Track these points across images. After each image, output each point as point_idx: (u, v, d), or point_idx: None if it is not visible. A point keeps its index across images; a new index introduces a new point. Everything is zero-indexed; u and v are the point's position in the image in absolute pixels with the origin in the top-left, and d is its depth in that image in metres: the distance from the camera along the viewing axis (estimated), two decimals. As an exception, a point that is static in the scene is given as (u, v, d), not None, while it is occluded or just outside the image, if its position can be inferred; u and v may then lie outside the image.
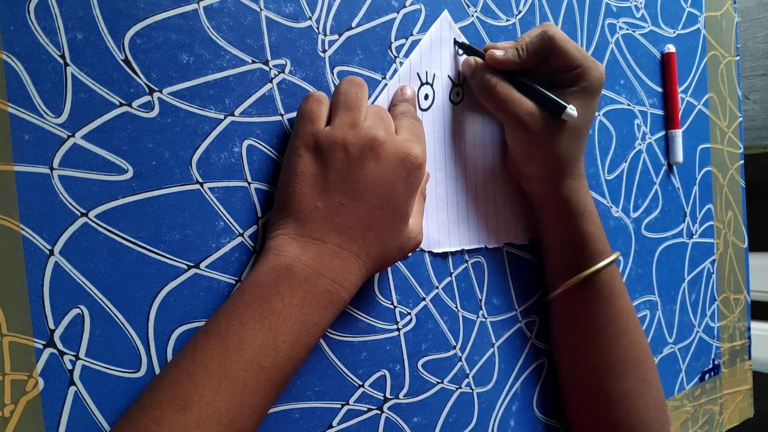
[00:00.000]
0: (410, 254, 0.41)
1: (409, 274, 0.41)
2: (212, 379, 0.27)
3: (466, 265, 0.44)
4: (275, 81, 0.35)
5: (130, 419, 0.27)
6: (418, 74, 0.41)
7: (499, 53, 0.40)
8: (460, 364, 0.44)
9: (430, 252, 0.42)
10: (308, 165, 0.33)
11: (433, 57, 0.42)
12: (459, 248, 0.43)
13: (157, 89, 0.31)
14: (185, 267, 0.32)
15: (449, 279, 0.43)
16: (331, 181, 0.32)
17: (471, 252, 0.44)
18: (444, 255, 0.43)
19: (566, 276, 0.44)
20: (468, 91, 0.44)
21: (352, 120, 0.33)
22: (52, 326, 0.28)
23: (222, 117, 0.33)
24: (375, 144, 0.33)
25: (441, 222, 0.42)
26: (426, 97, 0.42)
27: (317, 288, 0.31)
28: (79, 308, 0.29)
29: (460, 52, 0.43)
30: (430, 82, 0.42)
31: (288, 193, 0.33)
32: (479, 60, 0.41)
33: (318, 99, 0.35)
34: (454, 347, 0.43)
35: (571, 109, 0.39)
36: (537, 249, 0.49)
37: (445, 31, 0.42)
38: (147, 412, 0.27)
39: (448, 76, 0.43)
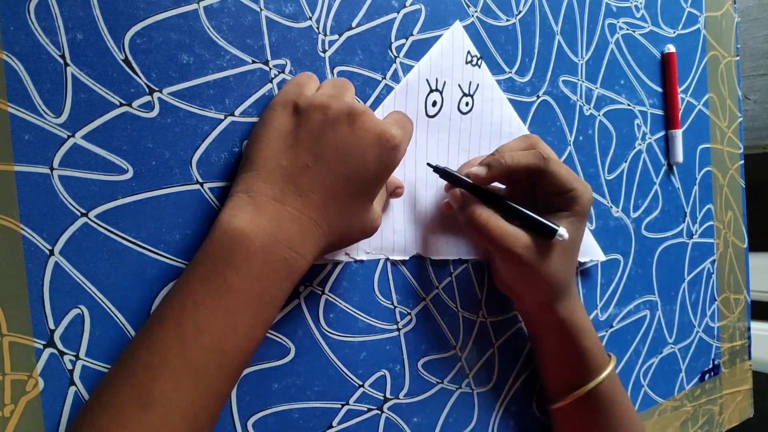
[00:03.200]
0: (370, 237, 0.37)
1: (409, 274, 0.41)
2: (172, 371, 0.26)
3: (466, 265, 0.44)
4: (275, 81, 0.35)
5: (92, 422, 0.25)
6: (427, 80, 0.41)
7: (478, 170, 0.38)
8: (460, 364, 0.44)
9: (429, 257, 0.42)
10: (281, 121, 0.32)
11: (444, 65, 0.42)
12: (457, 257, 0.43)
13: (157, 89, 0.31)
14: (185, 267, 0.32)
15: (449, 279, 0.43)
16: (301, 140, 0.31)
17: (471, 252, 0.44)
18: (444, 255, 0.43)
19: (567, 390, 0.43)
20: (478, 103, 0.44)
21: (336, 93, 0.33)
22: (52, 326, 0.28)
23: (222, 117, 0.33)
24: (353, 112, 0.31)
25: (440, 231, 0.42)
26: (434, 103, 0.41)
27: (274, 257, 0.29)
28: (79, 308, 0.29)
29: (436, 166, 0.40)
30: (440, 89, 0.42)
31: (255, 146, 0.32)
32: (465, 192, 0.39)
33: (309, 75, 0.35)
34: (454, 347, 0.43)
35: (563, 231, 0.37)
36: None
37: (457, 40, 0.42)
38: (107, 412, 0.25)
39: (459, 85, 0.43)
